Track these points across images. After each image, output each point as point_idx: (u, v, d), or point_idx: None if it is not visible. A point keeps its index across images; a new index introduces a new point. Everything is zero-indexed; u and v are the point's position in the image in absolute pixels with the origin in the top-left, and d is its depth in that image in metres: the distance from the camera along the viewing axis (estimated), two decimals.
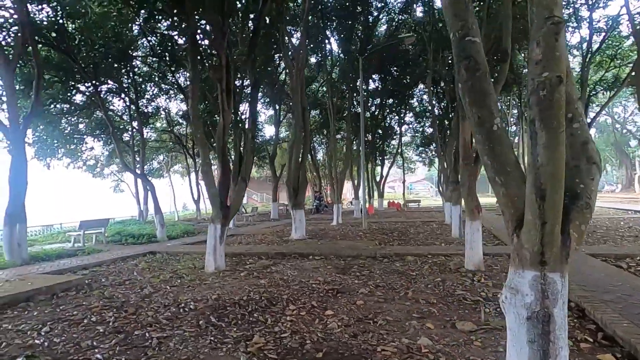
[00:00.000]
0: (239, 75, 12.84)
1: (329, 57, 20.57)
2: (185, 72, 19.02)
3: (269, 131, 34.74)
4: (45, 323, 5.01)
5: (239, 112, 18.41)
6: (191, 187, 24.62)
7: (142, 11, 9.86)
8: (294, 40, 14.28)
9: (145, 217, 19.99)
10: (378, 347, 3.90)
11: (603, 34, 15.59)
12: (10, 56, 9.30)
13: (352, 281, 6.75)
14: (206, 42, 9.76)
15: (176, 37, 12.11)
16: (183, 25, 9.14)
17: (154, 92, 20.27)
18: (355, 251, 9.58)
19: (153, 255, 10.31)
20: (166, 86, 19.93)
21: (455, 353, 3.73)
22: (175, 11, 8.11)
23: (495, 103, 2.74)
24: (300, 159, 12.84)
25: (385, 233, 13.53)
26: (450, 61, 17.00)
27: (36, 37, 10.19)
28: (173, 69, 16.36)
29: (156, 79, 18.58)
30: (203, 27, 8.74)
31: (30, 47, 9.60)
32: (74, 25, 11.58)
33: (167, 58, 15.13)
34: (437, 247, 9.88)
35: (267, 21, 10.19)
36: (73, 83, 13.29)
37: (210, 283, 6.96)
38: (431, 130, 31.98)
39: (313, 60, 26.46)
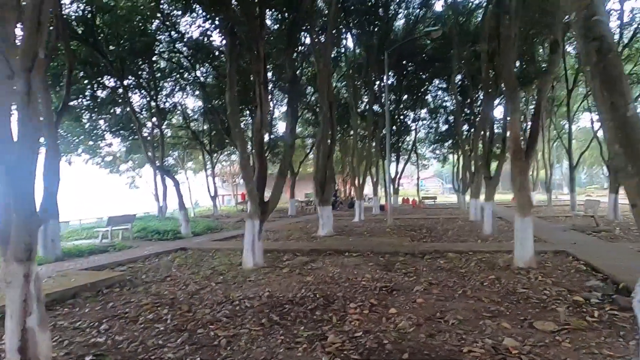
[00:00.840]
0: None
1: (348, 53, 20.28)
2: (203, 68, 18.97)
3: (282, 127, 34.53)
4: (100, 320, 4.88)
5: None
6: (208, 183, 24.51)
7: (178, 3, 9.70)
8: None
9: (164, 213, 19.92)
10: (462, 347, 3.71)
11: (634, 26, 15.22)
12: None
13: (401, 279, 6.57)
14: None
15: (207, 32, 11.88)
16: (216, 19, 8.97)
17: (172, 88, 20.15)
18: (392, 248, 9.40)
19: (185, 252, 10.18)
20: (183, 82, 19.83)
21: (547, 355, 3.54)
22: (212, 1, 7.93)
23: (628, 87, 2.54)
24: (327, 155, 12.65)
25: (413, 230, 13.32)
26: (475, 53, 16.72)
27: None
28: (192, 64, 16.30)
29: (176, 74, 18.46)
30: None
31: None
32: (102, 19, 11.42)
33: (188, 53, 15.09)
34: (475, 244, 9.66)
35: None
36: (99, 78, 13.15)
37: (255, 280, 6.80)
38: (446, 127, 31.82)
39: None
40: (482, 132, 15.72)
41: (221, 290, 6.18)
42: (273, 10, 9.56)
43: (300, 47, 14.11)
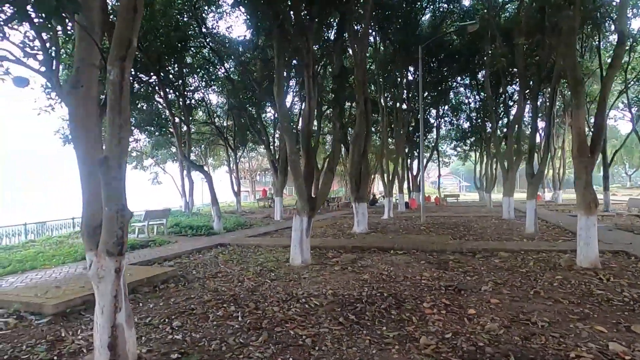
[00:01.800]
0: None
1: (377, 48, 20.01)
2: (229, 63, 18.88)
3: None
4: (170, 317, 4.79)
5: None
6: (232, 179, 24.49)
7: None
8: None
9: (190, 209, 19.95)
10: (568, 352, 3.51)
11: None
12: None
13: (462, 278, 6.36)
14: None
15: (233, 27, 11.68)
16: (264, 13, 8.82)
17: (199, 83, 20.12)
18: (437, 246, 9.19)
19: (225, 248, 10.11)
20: (209, 77, 19.77)
21: None
22: None
23: None
24: (362, 151, 12.44)
25: (449, 228, 13.07)
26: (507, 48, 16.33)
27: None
28: (220, 59, 16.17)
29: (202, 70, 18.41)
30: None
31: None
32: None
33: (216, 48, 14.94)
34: (523, 244, 9.38)
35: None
36: (136, 72, 13.08)
37: (310, 277, 6.67)
38: (467, 124, 31.32)
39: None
40: (516, 129, 15.44)
41: (280, 287, 6.06)
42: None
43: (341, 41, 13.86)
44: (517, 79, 17.19)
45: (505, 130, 23.84)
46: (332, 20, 15.06)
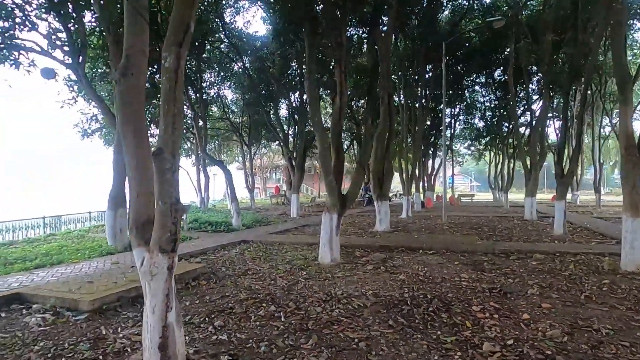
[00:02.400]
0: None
1: (396, 43, 19.66)
2: (245, 59, 18.70)
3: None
4: (209, 315, 4.64)
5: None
6: (246, 176, 24.37)
7: None
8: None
9: (206, 205, 19.87)
10: None
11: None
12: None
13: (503, 280, 6.14)
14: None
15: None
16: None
17: (215, 79, 20.00)
18: (466, 246, 8.96)
19: (248, 244, 9.96)
20: (225, 72, 19.64)
21: None
22: None
23: None
24: (386, 148, 12.21)
25: (472, 228, 12.80)
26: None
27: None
28: (239, 53, 15.97)
29: (220, 65, 18.26)
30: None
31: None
32: (160, 5, 11.16)
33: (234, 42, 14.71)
34: (557, 245, 9.11)
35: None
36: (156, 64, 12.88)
37: (344, 277, 6.49)
38: (482, 123, 30.91)
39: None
40: (540, 129, 15.13)
41: (316, 286, 5.89)
42: None
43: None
44: (541, 76, 16.90)
45: (524, 129, 23.61)
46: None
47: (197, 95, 16.53)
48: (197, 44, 13.65)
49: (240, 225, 13.44)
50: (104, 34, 9.17)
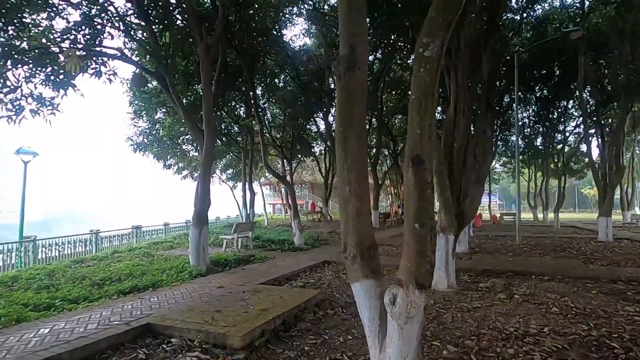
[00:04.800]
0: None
1: None
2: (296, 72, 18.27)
3: None
4: None
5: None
6: (286, 191, 23.70)
7: None
8: None
9: (252, 220, 19.26)
10: None
11: None
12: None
13: None
14: None
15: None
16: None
17: (263, 92, 19.60)
18: (576, 272, 8.15)
19: (331, 265, 9.25)
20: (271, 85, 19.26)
21: None
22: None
23: None
24: (463, 163, 11.46)
25: (555, 249, 11.87)
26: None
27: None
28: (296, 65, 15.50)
29: (271, 78, 17.87)
30: None
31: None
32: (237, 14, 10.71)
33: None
34: None
35: None
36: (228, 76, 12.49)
37: (484, 306, 5.72)
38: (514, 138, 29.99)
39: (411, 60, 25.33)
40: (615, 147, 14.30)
41: (468, 318, 5.13)
42: None
43: None
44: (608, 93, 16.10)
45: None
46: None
47: (252, 109, 16.07)
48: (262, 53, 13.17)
49: (302, 243, 12.74)
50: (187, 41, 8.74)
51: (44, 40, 8.39)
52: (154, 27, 8.27)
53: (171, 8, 8.16)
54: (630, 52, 13.37)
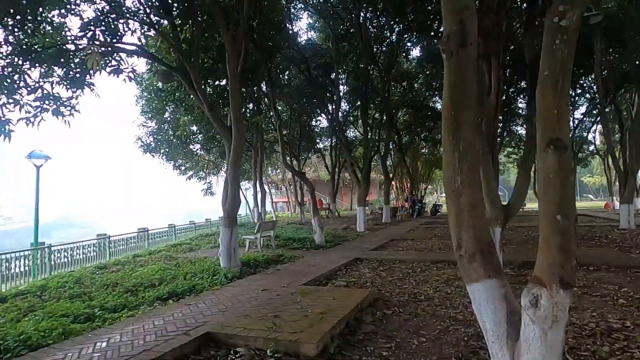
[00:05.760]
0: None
1: None
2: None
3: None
4: None
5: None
6: (297, 189, 23.48)
7: None
8: None
9: (263, 219, 18.98)
10: None
11: None
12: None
13: None
14: None
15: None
16: None
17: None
18: (626, 262, 7.90)
19: (364, 263, 8.98)
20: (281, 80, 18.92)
21: None
22: None
23: None
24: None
25: (584, 238, 11.63)
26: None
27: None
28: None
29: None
30: None
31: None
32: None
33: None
34: None
35: None
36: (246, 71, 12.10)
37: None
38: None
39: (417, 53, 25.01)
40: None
41: None
42: None
43: None
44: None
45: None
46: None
47: (270, 105, 15.72)
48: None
49: (323, 241, 12.43)
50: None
51: (59, 38, 8.06)
52: (175, 20, 7.93)
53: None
54: None
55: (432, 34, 18.53)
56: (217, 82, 10.77)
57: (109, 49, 8.02)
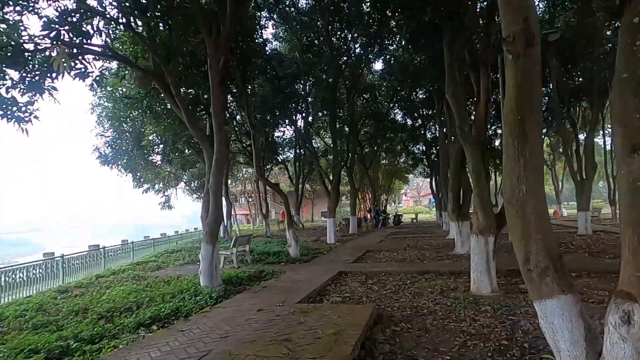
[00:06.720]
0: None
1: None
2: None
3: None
4: None
5: None
6: (260, 201, 22.86)
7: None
8: None
9: (229, 233, 18.25)
10: None
11: None
12: None
13: None
14: None
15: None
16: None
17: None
18: (603, 267, 8.22)
19: (349, 276, 8.72)
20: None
21: None
22: None
23: None
24: (461, 163, 11.42)
25: (581, 248, 12.02)
26: None
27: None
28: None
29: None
30: None
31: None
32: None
33: None
34: None
35: None
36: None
37: None
38: None
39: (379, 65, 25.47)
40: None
41: None
42: None
43: None
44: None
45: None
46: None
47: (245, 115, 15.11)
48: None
49: (298, 254, 12.08)
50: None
51: (16, 35, 7.24)
52: (150, 22, 7.38)
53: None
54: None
55: (394, 47, 19.17)
56: (189, 90, 10.20)
57: (75, 50, 7.33)
